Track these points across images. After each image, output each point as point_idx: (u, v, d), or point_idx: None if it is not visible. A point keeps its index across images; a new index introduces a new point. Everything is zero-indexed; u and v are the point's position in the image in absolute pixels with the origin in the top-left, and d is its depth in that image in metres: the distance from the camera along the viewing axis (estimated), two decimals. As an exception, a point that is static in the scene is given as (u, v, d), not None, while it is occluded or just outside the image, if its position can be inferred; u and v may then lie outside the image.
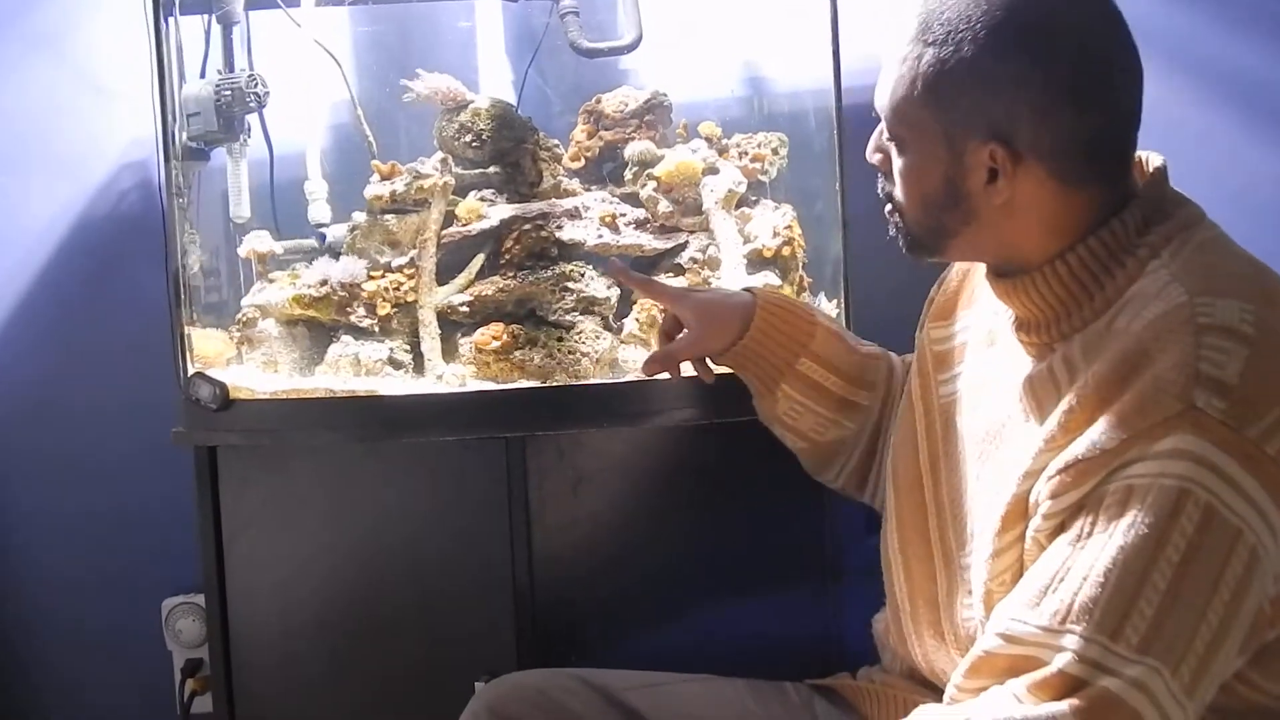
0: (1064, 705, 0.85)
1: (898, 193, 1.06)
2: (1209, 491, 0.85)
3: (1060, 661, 0.86)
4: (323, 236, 1.73)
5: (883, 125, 1.06)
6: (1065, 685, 0.85)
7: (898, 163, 1.05)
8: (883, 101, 1.04)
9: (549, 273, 1.62)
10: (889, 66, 1.03)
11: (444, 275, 1.63)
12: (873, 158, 1.09)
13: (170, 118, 1.64)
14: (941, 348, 1.20)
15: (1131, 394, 0.89)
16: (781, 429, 1.34)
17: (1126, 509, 0.87)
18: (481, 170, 1.70)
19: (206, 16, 1.73)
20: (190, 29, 1.71)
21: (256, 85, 1.68)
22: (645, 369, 1.36)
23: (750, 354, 1.30)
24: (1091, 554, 0.88)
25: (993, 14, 0.96)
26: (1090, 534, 0.89)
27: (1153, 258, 0.97)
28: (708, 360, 1.37)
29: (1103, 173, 1.00)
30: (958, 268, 1.23)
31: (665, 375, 1.38)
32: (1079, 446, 0.91)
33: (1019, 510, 0.97)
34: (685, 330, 1.34)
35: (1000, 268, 1.06)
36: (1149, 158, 1.04)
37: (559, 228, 1.65)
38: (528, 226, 1.64)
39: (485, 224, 1.64)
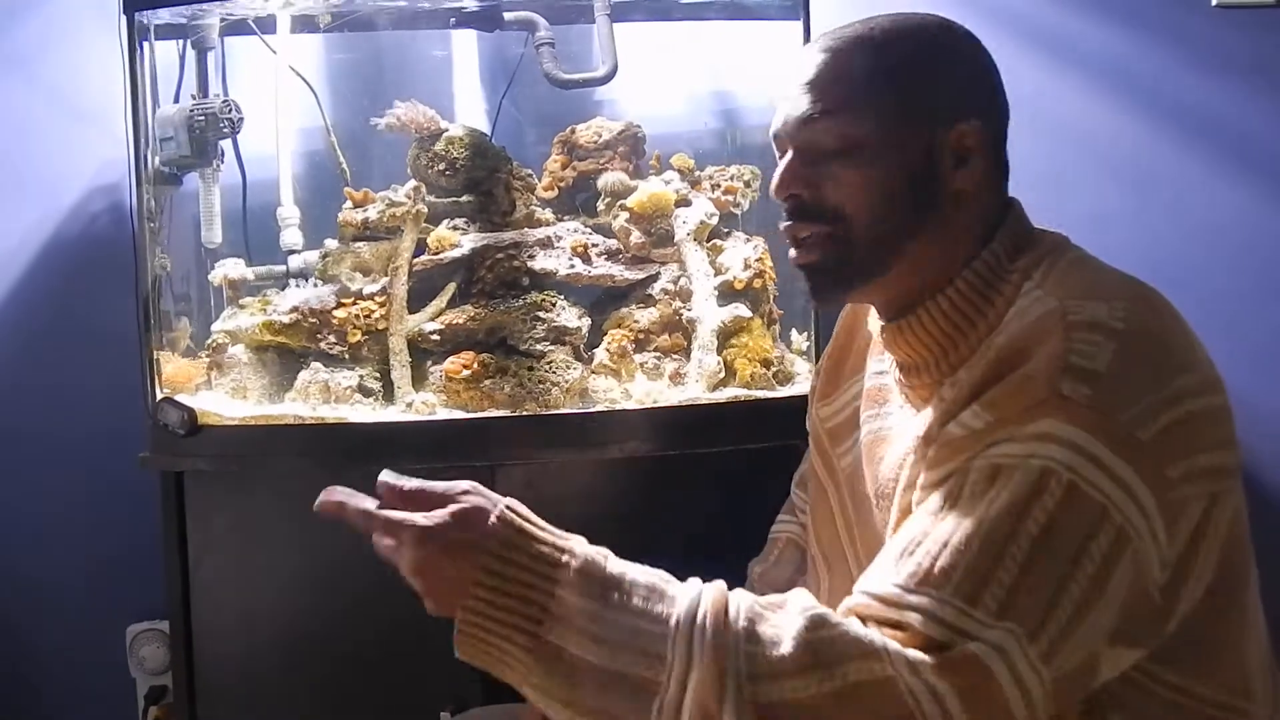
0: (926, 657, 0.83)
1: (847, 207, 1.01)
2: (1072, 471, 0.86)
3: (916, 621, 0.85)
4: (299, 266, 1.73)
5: (790, 157, 1.03)
6: (921, 644, 0.85)
7: (851, 173, 1.00)
8: (826, 105, 1.01)
9: (520, 302, 1.63)
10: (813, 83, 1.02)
11: (415, 303, 1.63)
12: (791, 189, 1.03)
13: (143, 142, 1.63)
14: (833, 423, 1.21)
15: (1004, 384, 0.91)
16: None
17: (992, 484, 0.88)
18: (454, 199, 1.70)
19: (181, 41, 1.73)
20: (165, 53, 1.71)
21: (230, 110, 1.69)
22: None
23: None
24: (952, 523, 0.88)
25: (920, 22, 1.03)
26: (953, 505, 0.89)
27: (1025, 280, 0.99)
28: None
29: (1006, 172, 1.06)
30: (834, 345, 1.24)
31: None
32: (952, 427, 0.93)
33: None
34: None
35: (903, 300, 1.04)
36: None
37: (531, 257, 1.66)
38: (500, 255, 1.65)
39: (457, 252, 1.65)
